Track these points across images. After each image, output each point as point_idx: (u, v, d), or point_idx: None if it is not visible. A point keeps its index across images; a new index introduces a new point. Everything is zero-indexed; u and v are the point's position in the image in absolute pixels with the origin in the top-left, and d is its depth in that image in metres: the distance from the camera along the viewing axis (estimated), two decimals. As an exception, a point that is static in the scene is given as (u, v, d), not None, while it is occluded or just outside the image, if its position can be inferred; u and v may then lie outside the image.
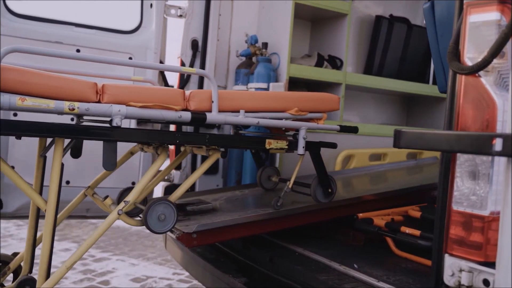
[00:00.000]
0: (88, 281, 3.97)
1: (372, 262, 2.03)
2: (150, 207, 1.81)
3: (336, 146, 2.41)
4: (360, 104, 4.10)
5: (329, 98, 2.30)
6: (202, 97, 1.90)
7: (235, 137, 2.14)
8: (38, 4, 2.89)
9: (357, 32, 3.98)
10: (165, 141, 1.91)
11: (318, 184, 2.29)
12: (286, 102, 2.14)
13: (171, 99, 1.83)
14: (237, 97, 2.03)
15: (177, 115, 1.83)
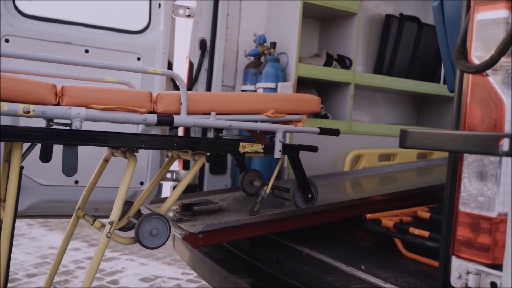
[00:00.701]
0: (97, 281, 3.99)
1: (380, 263, 2.02)
2: (141, 223, 1.76)
3: (317, 149, 2.35)
4: (369, 104, 4.07)
5: (309, 99, 2.21)
6: (170, 99, 1.83)
7: (206, 141, 2.04)
8: (47, 5, 2.91)
9: (366, 31, 3.95)
10: (129, 145, 1.81)
11: (298, 189, 2.21)
12: (262, 104, 2.06)
13: (136, 101, 1.75)
14: (209, 99, 1.97)
15: (141, 118, 1.76)
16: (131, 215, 2.13)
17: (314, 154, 3.28)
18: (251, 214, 2.11)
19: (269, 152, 2.06)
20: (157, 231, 1.79)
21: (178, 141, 1.86)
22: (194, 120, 1.86)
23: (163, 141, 1.88)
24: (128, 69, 1.77)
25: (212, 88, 3.30)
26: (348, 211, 2.38)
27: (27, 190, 2.84)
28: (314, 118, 3.31)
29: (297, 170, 2.20)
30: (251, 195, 2.62)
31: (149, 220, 1.78)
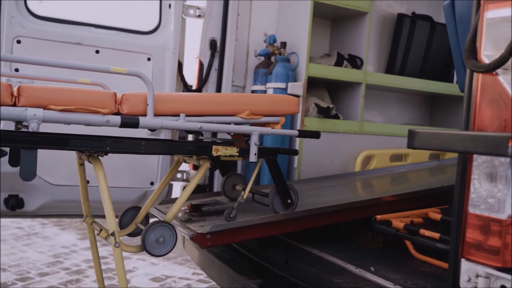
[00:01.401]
0: (108, 280, 4.01)
1: (389, 265, 1.99)
2: (148, 230, 1.74)
3: (297, 153, 2.29)
4: (381, 103, 4.03)
5: (286, 100, 2.13)
6: (136, 100, 1.76)
7: (175, 143, 1.96)
8: (58, 6, 2.93)
9: (378, 30, 3.92)
10: (91, 148, 1.74)
11: (277, 195, 2.12)
12: (237, 105, 1.98)
13: (99, 102, 1.68)
14: (178, 100, 1.89)
15: (104, 120, 1.68)
16: (138, 221, 2.13)
17: (324, 155, 3.30)
18: (227, 220, 2.04)
19: (245, 156, 1.98)
20: (163, 239, 1.77)
21: (146, 145, 1.79)
22: (161, 122, 1.77)
23: (128, 144, 1.78)
24: (90, 68, 1.68)
25: (222, 88, 3.30)
26: (358, 212, 2.35)
27: (38, 190, 2.87)
28: (325, 118, 3.29)
29: (275, 174, 2.10)
30: (233, 199, 2.51)
31: (154, 228, 1.75)
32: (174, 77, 3.11)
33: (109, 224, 1.75)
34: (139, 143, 1.79)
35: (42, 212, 2.94)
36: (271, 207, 2.12)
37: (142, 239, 1.74)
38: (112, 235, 1.74)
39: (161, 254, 1.79)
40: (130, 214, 2.21)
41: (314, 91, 3.48)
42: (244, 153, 1.97)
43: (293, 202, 2.14)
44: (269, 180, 3.20)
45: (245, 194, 2.12)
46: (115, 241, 1.73)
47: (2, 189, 2.81)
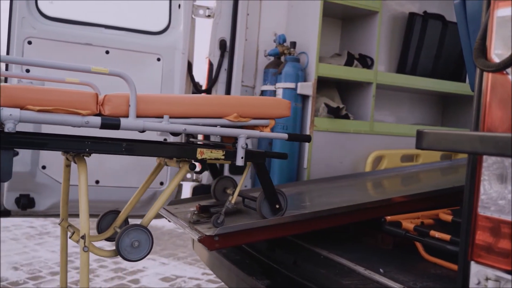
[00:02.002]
0: (119, 279, 4.03)
1: (399, 266, 1.97)
2: (122, 234, 1.69)
3: (286, 157, 2.23)
4: (393, 103, 4.00)
5: (277, 103, 2.08)
6: (118, 101, 1.73)
7: (158, 145, 1.88)
8: (69, 6, 2.95)
9: (389, 30, 3.88)
10: (70, 149, 1.71)
11: (265, 199, 2.06)
12: (224, 107, 1.94)
13: (79, 103, 1.65)
14: (163, 101, 1.85)
15: (83, 121, 1.65)
16: (117, 225, 2.07)
17: (334, 155, 3.28)
18: (214, 226, 2.00)
19: (231, 159, 1.93)
20: (138, 243, 1.72)
21: (127, 146, 1.75)
22: (143, 123, 1.74)
23: (109, 145, 1.74)
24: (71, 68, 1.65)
25: (232, 88, 3.29)
26: (368, 212, 2.33)
27: (49, 190, 2.89)
28: (335, 118, 3.27)
29: (263, 179, 2.04)
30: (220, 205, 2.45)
31: (129, 232, 1.71)
32: (183, 78, 3.11)
33: (82, 226, 1.70)
34: (120, 144, 1.74)
35: (53, 211, 2.95)
36: (258, 212, 2.06)
37: (116, 243, 1.70)
38: (82, 238, 1.68)
39: (136, 259, 1.74)
40: (109, 218, 2.15)
41: (324, 91, 3.47)
42: (231, 156, 1.92)
43: (281, 207, 2.08)
44: (278, 180, 3.19)
45: (233, 198, 2.05)
46: (84, 244, 1.67)
47: (14, 188, 2.83)
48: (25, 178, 2.82)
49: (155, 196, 3.08)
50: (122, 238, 1.69)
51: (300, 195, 2.73)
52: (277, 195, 2.06)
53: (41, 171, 2.84)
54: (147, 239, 1.74)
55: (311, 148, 3.16)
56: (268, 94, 3.31)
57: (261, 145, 3.35)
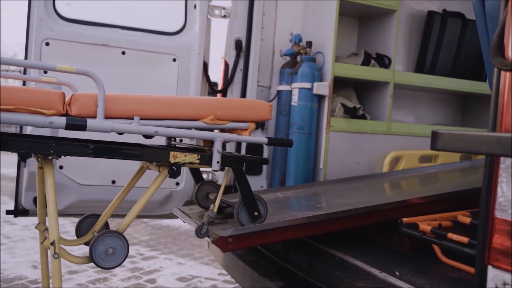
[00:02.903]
0: (135, 279, 4.05)
1: (416, 269, 1.94)
2: (96, 241, 1.64)
3: (267, 162, 2.16)
4: (411, 103, 3.95)
5: (257, 105, 1.99)
6: (86, 101, 1.65)
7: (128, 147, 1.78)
8: (86, 8, 2.97)
9: (407, 29, 3.83)
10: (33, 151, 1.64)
11: (243, 206, 1.97)
12: (200, 109, 1.85)
13: (44, 102, 1.57)
14: (134, 101, 1.76)
15: (46, 121, 1.57)
16: (96, 229, 2.01)
17: (351, 155, 3.24)
18: (198, 236, 1.93)
19: (207, 164, 1.84)
20: (113, 250, 1.66)
21: (95, 148, 1.67)
22: (111, 125, 1.66)
23: (75, 147, 1.66)
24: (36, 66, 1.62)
25: (248, 89, 3.28)
26: (384, 214, 2.30)
27: (67, 190, 2.92)
28: (352, 119, 3.24)
29: (241, 184, 1.95)
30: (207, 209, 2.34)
31: (104, 239, 1.65)
32: (199, 78, 3.11)
33: (51, 232, 1.64)
34: (86, 146, 1.66)
35: (70, 211, 2.98)
36: (236, 219, 1.97)
37: (90, 249, 1.64)
38: (52, 244, 1.62)
39: (111, 267, 1.68)
40: (89, 221, 2.09)
41: (341, 91, 3.44)
42: (206, 160, 1.83)
43: (260, 215, 1.98)
44: (294, 181, 3.17)
45: (215, 207, 1.96)
46: (55, 251, 1.62)
47: (31, 188, 2.87)
48: (42, 178, 2.85)
49: (171, 196, 3.09)
50: (96, 245, 1.64)
51: (316, 196, 2.71)
52: (256, 201, 1.97)
53: (59, 171, 2.87)
54: (122, 246, 1.68)
55: (327, 148, 3.13)
56: (284, 94, 3.29)
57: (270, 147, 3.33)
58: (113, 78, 2.95)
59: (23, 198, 2.88)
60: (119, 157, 1.72)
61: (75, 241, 2.01)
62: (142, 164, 2.08)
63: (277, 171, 3.34)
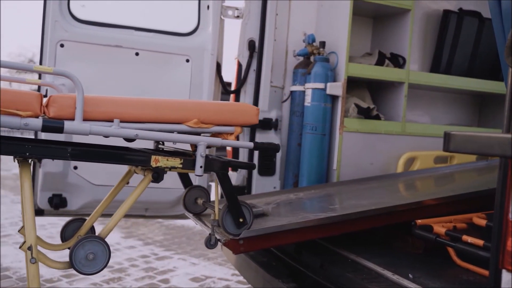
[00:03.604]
0: (149, 279, 4.07)
1: (429, 272, 1.91)
2: (76, 246, 1.60)
3: (254, 167, 2.08)
4: (426, 103, 3.90)
5: (244, 109, 1.93)
6: (65, 103, 1.60)
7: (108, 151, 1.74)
8: (100, 9, 2.99)
9: (422, 28, 3.79)
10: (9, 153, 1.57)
11: (228, 213, 1.89)
12: (183, 112, 1.79)
13: (20, 103, 1.51)
14: (114, 103, 1.70)
15: (21, 123, 1.52)
16: (82, 234, 1.99)
17: (364, 156, 3.21)
18: (208, 247, 1.92)
19: (190, 168, 1.78)
20: (94, 256, 1.63)
21: (72, 151, 1.61)
22: (89, 127, 1.61)
23: (52, 150, 1.61)
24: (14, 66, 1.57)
25: (261, 89, 3.28)
26: (398, 216, 2.27)
27: (81, 190, 2.94)
28: (366, 119, 3.21)
29: (226, 190, 1.87)
30: (196, 214, 2.31)
31: (84, 244, 1.62)
32: (212, 79, 3.11)
33: (27, 237, 1.59)
34: (64, 149, 1.61)
35: (84, 211, 3.00)
36: (221, 226, 1.90)
37: (70, 254, 1.61)
38: (29, 249, 1.58)
39: (92, 273, 1.64)
40: (74, 225, 2.06)
41: (355, 91, 3.41)
42: (189, 165, 1.77)
43: (245, 221, 1.91)
44: (307, 181, 3.15)
45: (216, 215, 1.90)
46: (31, 256, 1.58)
47: (47, 188, 2.90)
48: (57, 178, 2.88)
49: (184, 197, 3.09)
50: (76, 250, 1.61)
51: (329, 197, 2.69)
52: (241, 207, 1.91)
53: (73, 171, 2.89)
54: (103, 251, 1.64)
55: (340, 149, 3.11)
56: (297, 95, 3.28)
57: (290, 147, 3.32)
58: (127, 79, 2.96)
59: (38, 198, 2.91)
60: (99, 161, 1.68)
61: (58, 245, 1.99)
62: (129, 168, 2.03)
63: (290, 172, 3.33)
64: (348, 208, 2.28)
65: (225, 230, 1.90)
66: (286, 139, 3.38)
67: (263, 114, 3.29)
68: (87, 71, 2.88)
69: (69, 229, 2.05)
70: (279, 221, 2.07)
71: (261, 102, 3.28)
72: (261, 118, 3.29)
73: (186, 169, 1.77)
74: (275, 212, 2.33)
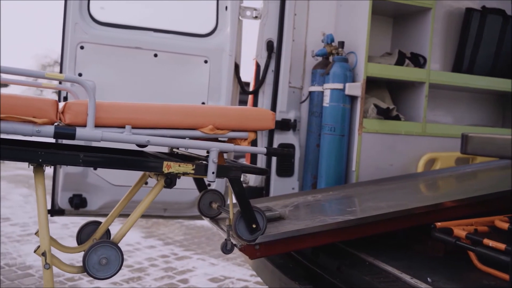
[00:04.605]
0: (168, 279, 4.10)
1: (449, 276, 1.87)
2: (89, 251, 1.61)
3: (266, 172, 2.01)
4: (448, 104, 3.83)
5: (259, 114, 1.90)
6: (79, 109, 1.60)
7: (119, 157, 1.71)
8: (119, 11, 3.02)
9: (444, 27, 3.72)
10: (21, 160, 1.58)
11: (241, 218, 1.86)
12: (198, 117, 1.78)
13: (36, 111, 1.53)
14: (126, 110, 1.70)
15: (34, 130, 1.53)
16: (97, 237, 2.00)
17: (384, 157, 3.17)
18: (224, 253, 1.92)
19: (202, 174, 1.76)
20: (107, 260, 1.64)
21: (85, 158, 1.61)
22: (101, 133, 1.61)
23: (65, 156, 1.62)
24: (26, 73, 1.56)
25: (279, 90, 3.27)
26: (417, 218, 2.23)
27: (100, 190, 2.98)
28: (385, 120, 3.17)
29: (239, 195, 1.84)
30: (211, 218, 2.30)
31: (97, 249, 1.63)
32: (230, 79, 3.11)
33: (41, 243, 1.61)
34: (77, 156, 1.61)
35: (104, 211, 3.03)
36: (234, 232, 1.88)
37: (83, 259, 1.62)
38: (43, 255, 1.60)
39: (105, 277, 1.65)
40: (89, 229, 2.08)
41: (374, 92, 3.37)
42: (201, 170, 1.75)
43: (259, 227, 1.88)
44: (326, 183, 3.13)
45: (231, 220, 1.89)
46: (46, 262, 1.60)
47: (67, 188, 2.94)
48: (77, 179, 2.92)
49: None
50: (89, 255, 1.62)
51: (347, 199, 2.66)
52: (254, 213, 1.88)
53: (93, 172, 2.93)
54: (116, 256, 1.65)
55: (359, 150, 3.08)
56: (316, 95, 3.26)
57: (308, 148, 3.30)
58: (146, 80, 2.99)
59: (58, 198, 2.95)
60: (110, 167, 1.68)
61: (74, 248, 2.00)
62: (144, 173, 2.04)
63: (309, 173, 3.31)
64: (366, 211, 2.25)
65: (238, 236, 1.87)
66: (304, 140, 3.36)
67: (282, 115, 3.28)
68: (107, 73, 2.91)
69: (84, 232, 2.07)
70: (296, 225, 2.05)
71: (279, 103, 3.27)
72: (280, 119, 3.27)
73: (198, 174, 1.75)
74: (292, 215, 2.31)
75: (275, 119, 1.94)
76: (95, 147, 1.88)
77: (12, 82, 2.07)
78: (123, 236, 1.74)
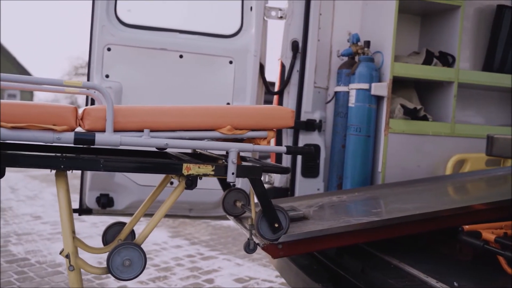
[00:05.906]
0: (194, 278, 4.12)
1: (476, 281, 1.83)
2: (113, 253, 1.64)
3: (288, 171, 2.01)
4: (478, 104, 3.73)
5: (277, 112, 1.88)
6: (97, 115, 1.62)
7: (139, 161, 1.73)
8: (145, 13, 3.06)
9: (474, 25, 3.63)
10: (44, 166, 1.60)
11: (263, 218, 1.84)
12: (215, 118, 1.77)
13: (56, 118, 1.56)
14: (143, 113, 1.70)
15: (54, 137, 1.55)
16: (122, 238, 2.03)
17: (411, 158, 3.12)
18: (247, 252, 1.92)
19: (222, 174, 1.75)
20: (130, 262, 1.66)
21: (105, 162, 1.63)
22: (120, 138, 1.63)
23: (86, 162, 1.64)
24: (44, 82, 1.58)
25: (304, 90, 3.25)
26: (444, 221, 2.19)
27: (127, 190, 3.02)
28: (412, 120, 3.12)
29: (260, 195, 1.82)
30: (236, 216, 2.29)
31: (120, 251, 1.65)
32: (255, 80, 3.11)
33: (65, 245, 1.65)
34: (97, 161, 1.63)
35: (130, 210, 3.07)
36: (256, 231, 1.87)
37: (107, 261, 1.64)
38: (67, 257, 1.64)
39: (129, 278, 1.67)
40: (115, 229, 2.12)
41: (402, 92, 3.32)
42: (221, 171, 1.75)
43: (281, 227, 1.86)
44: (351, 183, 3.10)
45: (253, 220, 1.90)
46: (70, 263, 1.64)
47: (95, 188, 2.99)
48: (104, 179, 2.97)
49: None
50: (113, 257, 1.65)
51: (372, 200, 2.63)
52: (277, 213, 1.86)
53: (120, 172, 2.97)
54: (139, 257, 1.67)
55: (385, 151, 3.03)
56: (341, 95, 3.23)
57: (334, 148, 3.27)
58: (171, 81, 3.01)
59: (86, 198, 3.01)
60: (130, 171, 1.71)
61: (99, 249, 2.03)
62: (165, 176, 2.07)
63: (334, 174, 3.28)
64: (391, 213, 2.22)
65: (260, 235, 1.86)
66: (330, 140, 3.34)
67: (307, 115, 3.26)
68: (133, 74, 2.95)
69: (110, 233, 2.11)
70: (320, 225, 2.03)
71: (304, 103, 3.25)
72: (305, 119, 3.26)
73: (218, 175, 1.75)
74: (316, 215, 2.29)
75: (294, 116, 1.92)
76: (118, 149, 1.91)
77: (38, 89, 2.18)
78: (146, 237, 1.77)
